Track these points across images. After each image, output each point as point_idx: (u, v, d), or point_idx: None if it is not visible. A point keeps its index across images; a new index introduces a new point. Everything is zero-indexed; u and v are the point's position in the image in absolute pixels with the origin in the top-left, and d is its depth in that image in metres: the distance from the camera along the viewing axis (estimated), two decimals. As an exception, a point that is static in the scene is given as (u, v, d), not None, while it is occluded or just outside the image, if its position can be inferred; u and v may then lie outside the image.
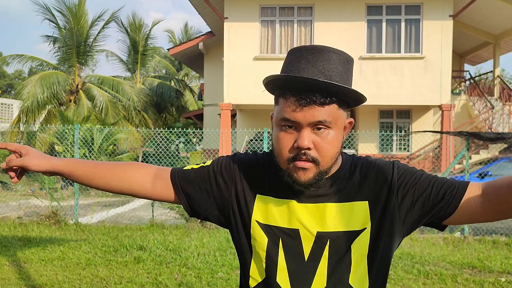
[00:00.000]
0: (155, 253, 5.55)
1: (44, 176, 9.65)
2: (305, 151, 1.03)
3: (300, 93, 1.00)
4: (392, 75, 13.38)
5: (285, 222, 1.10)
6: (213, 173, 1.19)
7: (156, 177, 1.22)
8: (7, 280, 4.55)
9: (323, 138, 1.04)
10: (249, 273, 1.15)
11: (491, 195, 1.03)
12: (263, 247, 1.11)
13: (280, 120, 1.05)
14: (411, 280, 4.75)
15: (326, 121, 1.02)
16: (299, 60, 1.03)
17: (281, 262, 1.10)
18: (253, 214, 1.13)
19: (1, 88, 42.63)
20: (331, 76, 1.01)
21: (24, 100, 15.85)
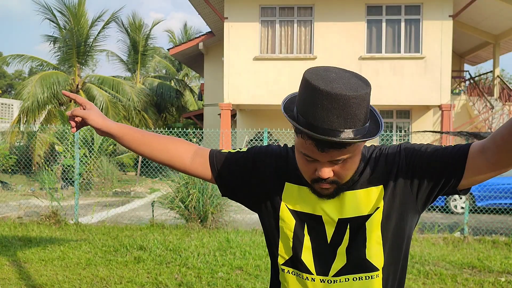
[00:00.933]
0: (155, 253, 5.55)
1: (44, 176, 9.64)
2: (325, 179, 1.12)
3: (317, 141, 1.06)
4: (392, 75, 13.38)
5: (309, 209, 1.21)
6: (248, 159, 1.31)
7: (195, 154, 1.35)
8: (7, 280, 4.55)
9: (342, 166, 1.11)
10: (278, 251, 1.26)
11: (492, 147, 1.05)
12: (291, 227, 1.23)
13: (300, 151, 1.13)
14: (411, 280, 4.75)
15: (343, 158, 1.10)
16: (315, 104, 1.03)
17: (306, 242, 1.22)
18: (283, 200, 1.24)
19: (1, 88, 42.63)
20: (347, 122, 1.03)
21: (24, 100, 15.84)
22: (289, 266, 1.24)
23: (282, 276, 1.27)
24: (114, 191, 12.33)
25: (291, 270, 1.24)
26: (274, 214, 1.25)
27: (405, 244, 1.22)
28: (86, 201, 10.26)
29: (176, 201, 7.34)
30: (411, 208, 1.20)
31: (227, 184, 1.33)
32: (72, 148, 11.39)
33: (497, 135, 1.04)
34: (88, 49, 17.86)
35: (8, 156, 14.17)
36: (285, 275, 1.25)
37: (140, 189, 12.99)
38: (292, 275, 1.24)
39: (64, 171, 12.46)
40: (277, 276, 1.30)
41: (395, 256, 1.21)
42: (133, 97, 18.04)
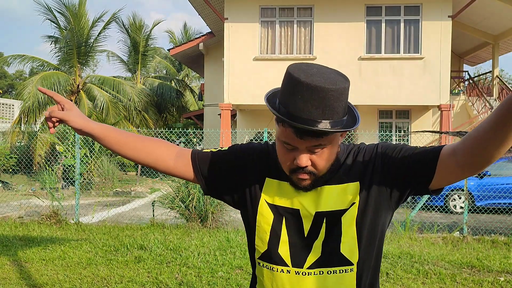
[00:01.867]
0: (155, 253, 5.57)
1: (45, 176, 9.67)
2: (303, 168, 1.16)
3: (296, 129, 1.11)
4: (392, 75, 13.40)
5: (288, 203, 1.25)
6: (230, 157, 1.33)
7: (178, 155, 1.35)
8: (8, 280, 4.57)
9: (319, 155, 1.16)
10: (255, 245, 1.29)
11: (462, 150, 1.08)
12: (269, 222, 1.26)
13: (280, 140, 1.17)
14: (410, 279, 4.77)
15: (321, 145, 1.14)
16: (295, 95, 1.09)
17: (283, 236, 1.24)
18: (262, 194, 1.28)
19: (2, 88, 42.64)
20: (324, 113, 1.08)
21: (25, 101, 15.87)
22: (264, 260, 1.27)
23: (259, 271, 1.30)
24: (114, 190, 12.36)
25: (265, 264, 1.27)
26: (254, 209, 1.28)
27: (379, 240, 1.26)
28: (86, 201, 10.28)
29: (177, 201, 7.37)
30: (385, 205, 1.24)
31: (210, 182, 1.34)
32: (72, 148, 11.40)
33: (467, 138, 1.07)
34: (88, 49, 17.88)
35: (9, 156, 14.19)
36: (261, 269, 1.28)
37: (141, 188, 13.01)
38: (266, 268, 1.27)
39: (64, 171, 12.48)
40: (254, 273, 1.33)
41: (369, 252, 1.24)
42: (134, 97, 18.06)
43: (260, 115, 15.12)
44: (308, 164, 1.16)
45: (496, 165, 10.37)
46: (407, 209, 8.26)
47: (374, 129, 15.03)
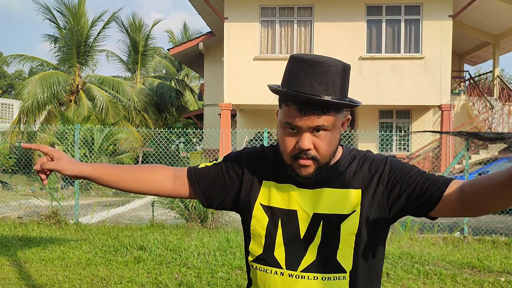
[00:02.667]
0: (155, 253, 5.56)
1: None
2: (305, 151, 1.15)
3: (300, 104, 1.12)
4: (392, 75, 13.39)
5: (285, 204, 1.24)
6: (225, 167, 1.34)
7: (175, 178, 1.36)
8: (7, 280, 4.56)
9: (322, 139, 1.15)
10: (249, 248, 1.30)
11: (468, 193, 1.10)
12: (264, 226, 1.26)
13: (284, 123, 1.17)
14: (410, 280, 4.76)
15: (324, 125, 1.13)
16: (299, 73, 1.12)
17: (279, 239, 1.24)
18: (258, 198, 1.28)
19: (2, 88, 42.64)
20: (328, 88, 1.10)
21: (24, 100, 15.85)
22: (258, 263, 1.27)
23: (253, 273, 1.30)
24: (114, 191, 12.34)
25: (259, 266, 1.27)
26: (249, 214, 1.28)
27: (378, 252, 1.25)
28: (86, 201, 10.27)
29: (176, 201, 7.35)
30: (384, 219, 1.23)
31: (209, 197, 1.35)
32: (72, 148, 11.38)
33: (476, 184, 1.08)
34: (88, 49, 17.87)
35: (8, 156, 14.18)
36: (254, 272, 1.29)
37: (140, 189, 12.97)
38: (260, 271, 1.27)
39: (64, 171, 12.44)
40: (248, 275, 1.34)
41: (364, 262, 1.23)
42: (133, 97, 18.05)
43: (260, 115, 15.10)
44: (311, 147, 1.15)
45: (497, 165, 10.36)
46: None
47: (375, 129, 15.02)
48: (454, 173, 11.54)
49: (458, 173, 11.12)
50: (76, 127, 7.98)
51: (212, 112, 17.58)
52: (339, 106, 1.14)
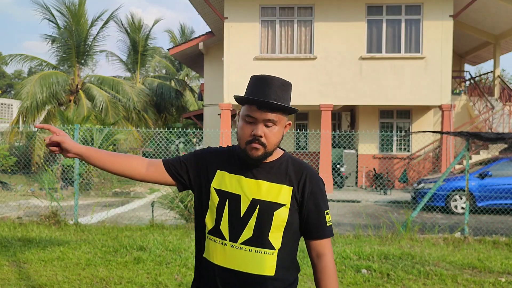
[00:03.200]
0: (155, 254, 5.54)
1: (43, 176, 9.63)
2: (258, 138, 1.55)
3: (258, 104, 1.56)
4: (392, 75, 13.37)
5: (232, 189, 1.63)
6: (193, 157, 1.75)
7: (149, 164, 1.74)
8: (7, 281, 4.54)
9: (270, 130, 1.57)
10: (205, 221, 1.66)
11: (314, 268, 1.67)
12: (215, 204, 1.64)
13: (245, 116, 1.58)
14: (411, 280, 4.74)
15: (273, 120, 1.56)
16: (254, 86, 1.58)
17: (225, 215, 1.62)
18: (213, 182, 1.67)
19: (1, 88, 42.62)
20: (270, 95, 1.54)
21: (23, 100, 15.83)
22: (211, 234, 1.64)
23: (207, 243, 1.65)
24: (113, 191, 12.32)
25: (211, 237, 1.64)
26: (207, 195, 1.66)
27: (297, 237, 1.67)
28: (85, 202, 10.25)
29: (176, 201, 7.33)
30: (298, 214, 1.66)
31: (181, 178, 1.72)
32: (72, 148, 11.34)
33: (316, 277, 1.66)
34: (87, 49, 17.84)
35: (7, 157, 14.15)
36: (208, 241, 1.65)
37: (140, 189, 12.97)
38: (211, 241, 1.64)
39: (63, 171, 12.45)
40: (201, 243, 1.68)
41: (288, 243, 1.63)
42: (133, 97, 18.03)
43: (260, 115, 15.05)
44: (262, 134, 1.55)
45: (497, 166, 10.34)
46: (408, 209, 8.23)
47: (375, 129, 15.01)
48: (454, 173, 11.52)
49: (459, 174, 11.11)
50: (75, 127, 7.96)
51: (212, 112, 17.56)
52: (282, 108, 1.55)
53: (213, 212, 1.63)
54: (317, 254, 1.65)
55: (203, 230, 1.67)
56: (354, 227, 7.36)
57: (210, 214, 1.64)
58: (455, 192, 10.13)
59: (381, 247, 6.08)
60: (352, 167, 14.84)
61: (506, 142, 7.89)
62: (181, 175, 1.72)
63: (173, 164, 1.73)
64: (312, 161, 14.27)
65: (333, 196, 12.24)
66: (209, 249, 1.64)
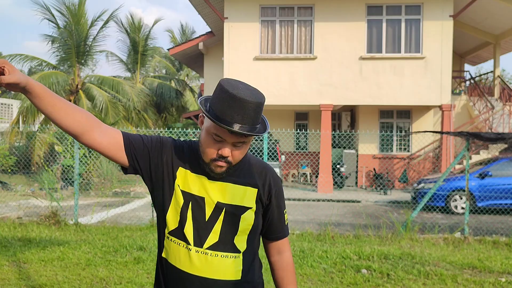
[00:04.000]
0: (155, 254, 5.54)
1: (43, 176, 9.63)
2: (224, 157, 1.45)
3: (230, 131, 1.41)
4: (392, 75, 13.37)
5: (196, 191, 1.52)
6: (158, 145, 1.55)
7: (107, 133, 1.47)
8: (6, 281, 4.54)
9: (239, 149, 1.47)
10: (165, 219, 1.54)
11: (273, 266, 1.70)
12: (180, 205, 1.51)
13: (212, 134, 1.44)
14: (411, 280, 4.74)
15: (244, 142, 1.46)
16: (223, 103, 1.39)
17: (189, 218, 1.51)
18: (177, 180, 1.53)
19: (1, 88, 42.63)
20: (244, 120, 1.39)
21: (23, 100, 15.83)
22: (173, 236, 1.52)
23: (167, 243, 1.55)
24: (113, 191, 12.32)
25: (173, 239, 1.53)
26: (170, 192, 1.52)
27: (259, 237, 1.65)
28: (85, 202, 10.25)
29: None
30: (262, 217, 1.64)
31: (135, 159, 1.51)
32: (71, 148, 11.36)
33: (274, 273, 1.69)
34: (87, 49, 17.84)
35: (7, 157, 14.15)
36: (169, 242, 1.54)
37: (140, 189, 12.97)
38: (173, 243, 1.53)
39: (63, 171, 12.45)
40: (162, 243, 1.57)
41: (252, 245, 1.60)
42: (133, 97, 18.02)
43: (260, 115, 15.05)
44: (229, 155, 1.45)
45: (497, 166, 10.35)
46: (408, 209, 8.23)
47: (375, 129, 15.00)
48: (454, 173, 11.52)
49: (459, 174, 11.11)
50: (75, 127, 7.94)
51: (212, 112, 17.53)
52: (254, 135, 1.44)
53: (177, 212, 1.51)
54: (278, 252, 1.66)
55: (163, 229, 1.56)
56: (354, 227, 7.36)
57: (173, 214, 1.52)
58: (455, 192, 10.13)
59: (381, 247, 6.08)
60: (352, 167, 14.84)
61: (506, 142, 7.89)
62: (138, 160, 1.52)
63: (134, 145, 1.51)
64: (312, 161, 14.27)
65: (333, 196, 12.24)
66: (170, 251, 1.54)
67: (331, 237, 6.72)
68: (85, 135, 1.42)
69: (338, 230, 7.25)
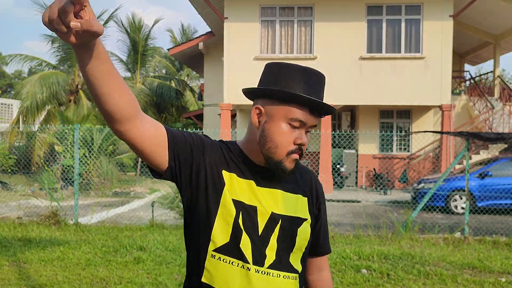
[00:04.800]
0: (155, 254, 5.54)
1: (43, 176, 9.63)
2: (301, 147, 1.24)
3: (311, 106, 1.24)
4: (392, 75, 13.37)
5: (246, 198, 1.24)
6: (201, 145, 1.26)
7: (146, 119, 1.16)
8: (7, 281, 4.54)
9: (308, 138, 1.27)
10: (211, 237, 1.22)
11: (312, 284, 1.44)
12: (232, 214, 1.22)
13: (292, 119, 1.23)
14: (411, 280, 4.74)
15: (315, 126, 1.28)
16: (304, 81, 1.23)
17: (244, 232, 1.23)
18: (226, 186, 1.24)
19: (1, 88, 42.63)
20: (321, 96, 1.26)
21: (23, 100, 15.83)
22: (222, 253, 1.21)
23: (211, 263, 1.22)
24: (113, 191, 12.32)
25: (223, 257, 1.21)
26: (216, 200, 1.22)
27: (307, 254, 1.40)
28: (85, 202, 10.25)
29: (176, 201, 7.33)
30: None
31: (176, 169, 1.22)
32: (71, 148, 11.38)
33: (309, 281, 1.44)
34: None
35: (7, 156, 14.16)
36: (215, 262, 1.22)
37: (140, 189, 12.98)
38: (223, 262, 1.21)
39: (63, 171, 12.45)
40: (200, 264, 1.24)
41: (304, 265, 1.36)
42: (133, 97, 17.99)
43: (260, 115, 15.05)
44: (307, 142, 1.25)
45: (497, 166, 10.35)
46: (408, 209, 8.23)
47: (375, 129, 15.01)
48: (454, 173, 11.52)
49: (459, 174, 11.11)
50: (75, 127, 7.96)
51: (212, 112, 17.56)
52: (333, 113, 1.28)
53: (227, 224, 1.21)
54: (318, 269, 1.45)
55: (205, 247, 1.23)
56: (354, 227, 7.36)
57: (223, 226, 1.21)
58: (455, 192, 10.13)
59: (381, 247, 6.08)
60: (352, 167, 14.84)
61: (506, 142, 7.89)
62: (180, 161, 1.22)
63: (177, 140, 1.21)
64: (312, 161, 14.27)
65: (333, 196, 12.24)
66: (216, 273, 1.22)
67: (331, 237, 6.72)
68: (130, 122, 1.09)
69: (338, 230, 7.25)
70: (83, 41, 0.93)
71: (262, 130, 1.25)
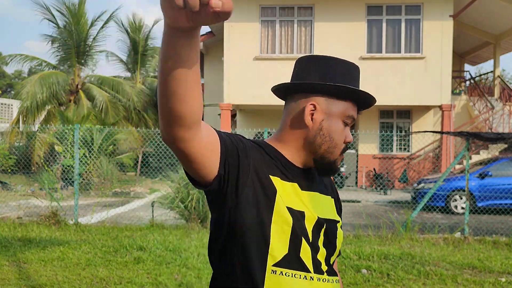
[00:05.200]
0: (155, 254, 5.54)
1: (43, 176, 9.63)
2: (349, 145, 1.22)
3: (358, 101, 1.22)
4: (392, 75, 13.37)
5: (294, 204, 1.13)
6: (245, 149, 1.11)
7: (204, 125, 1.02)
8: (6, 281, 4.54)
9: None
10: (268, 251, 1.08)
11: None
12: (289, 223, 1.10)
13: (346, 116, 1.19)
14: (411, 280, 4.74)
15: None
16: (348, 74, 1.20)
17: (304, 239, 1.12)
18: (278, 192, 1.11)
19: (1, 88, 42.64)
20: None
21: (23, 100, 15.83)
22: (284, 267, 1.09)
23: (272, 280, 1.08)
24: (113, 191, 12.32)
25: (285, 271, 1.09)
26: (268, 208, 1.09)
27: None
28: (85, 201, 10.25)
29: (176, 201, 7.33)
30: None
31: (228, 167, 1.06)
32: (71, 148, 11.38)
33: None
34: (87, 49, 17.84)
35: (7, 156, 14.16)
36: (277, 278, 1.08)
37: (140, 189, 12.98)
38: (286, 277, 1.09)
39: (63, 171, 12.45)
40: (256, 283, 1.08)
41: None
42: (133, 97, 18.02)
43: (260, 115, 15.09)
44: None
45: (497, 166, 10.35)
46: (408, 209, 8.23)
47: (375, 129, 15.01)
48: (454, 173, 11.53)
49: (459, 174, 11.11)
50: (75, 127, 7.96)
51: (212, 112, 17.57)
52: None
53: (284, 234, 1.09)
54: None
55: (262, 263, 1.08)
56: (354, 227, 7.36)
57: (280, 237, 1.09)
58: (455, 192, 10.13)
59: (381, 247, 6.08)
60: (352, 167, 14.84)
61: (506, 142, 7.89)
62: (230, 167, 1.06)
63: (227, 146, 1.06)
64: (312, 161, 14.27)
65: (333, 196, 12.22)
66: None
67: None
68: (196, 127, 0.95)
69: (338, 230, 7.23)
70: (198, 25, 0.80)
71: (320, 129, 1.15)
